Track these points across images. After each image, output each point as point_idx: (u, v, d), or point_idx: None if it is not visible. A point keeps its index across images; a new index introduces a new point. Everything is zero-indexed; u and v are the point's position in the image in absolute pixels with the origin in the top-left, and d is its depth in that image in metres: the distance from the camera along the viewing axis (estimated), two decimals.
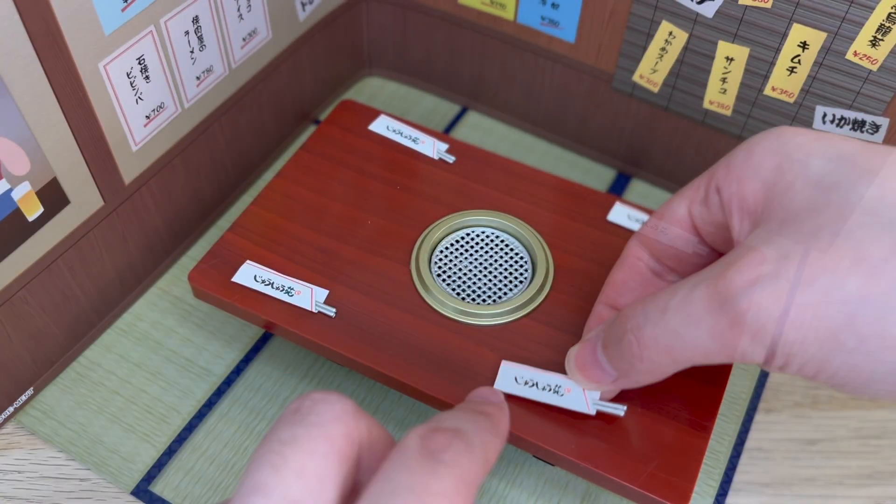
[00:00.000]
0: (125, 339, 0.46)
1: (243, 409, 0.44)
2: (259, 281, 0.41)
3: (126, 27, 0.39)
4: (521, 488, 0.41)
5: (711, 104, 0.48)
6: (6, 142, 0.35)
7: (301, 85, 0.54)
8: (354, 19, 0.57)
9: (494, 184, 0.45)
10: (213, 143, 0.48)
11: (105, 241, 0.43)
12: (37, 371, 0.43)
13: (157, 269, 0.49)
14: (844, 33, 0.41)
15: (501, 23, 0.52)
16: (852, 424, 0.44)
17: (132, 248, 0.46)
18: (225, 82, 0.47)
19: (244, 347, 0.46)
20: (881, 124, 0.43)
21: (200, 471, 0.41)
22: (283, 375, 0.45)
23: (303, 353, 0.46)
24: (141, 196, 0.45)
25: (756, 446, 0.43)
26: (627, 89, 0.50)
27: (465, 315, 0.40)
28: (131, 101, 0.41)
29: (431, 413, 0.43)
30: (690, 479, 0.35)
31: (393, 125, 0.48)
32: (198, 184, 0.49)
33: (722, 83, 0.47)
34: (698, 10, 0.44)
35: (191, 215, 0.49)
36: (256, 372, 0.45)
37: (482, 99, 0.58)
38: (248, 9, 0.46)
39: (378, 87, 0.61)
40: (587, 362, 0.34)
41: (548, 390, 0.36)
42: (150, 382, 0.44)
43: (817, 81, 0.44)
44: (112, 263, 0.45)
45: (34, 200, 0.38)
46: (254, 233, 0.43)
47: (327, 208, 0.44)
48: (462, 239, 0.43)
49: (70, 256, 0.42)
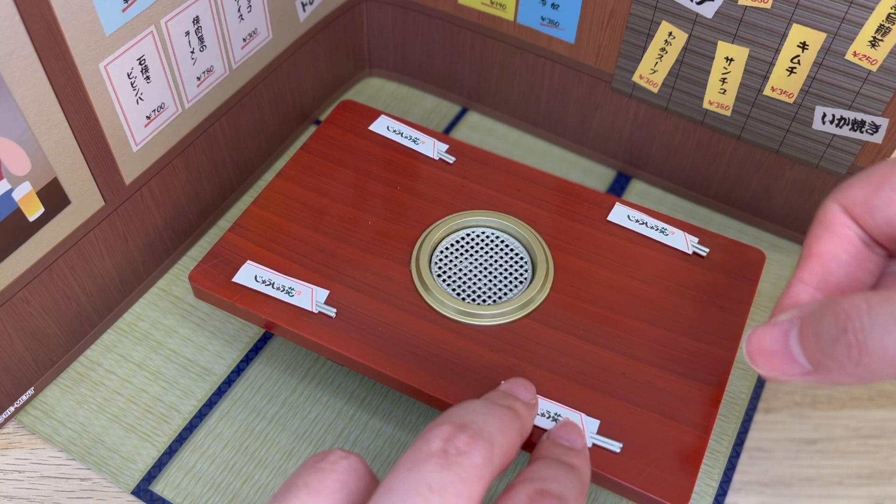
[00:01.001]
0: (126, 339, 0.46)
1: (244, 409, 0.44)
2: (259, 281, 0.41)
3: (127, 27, 0.39)
4: None
5: (711, 104, 0.48)
6: (7, 142, 0.35)
7: (301, 85, 0.54)
8: (354, 19, 0.57)
9: (494, 184, 0.45)
10: (214, 143, 0.48)
11: (106, 241, 0.44)
12: (38, 371, 0.43)
13: (158, 269, 0.49)
14: (844, 34, 0.41)
15: (501, 23, 0.52)
16: (852, 424, 0.44)
17: (133, 248, 0.46)
18: (225, 82, 0.47)
19: (245, 347, 0.46)
20: (881, 124, 0.43)
21: (201, 470, 0.41)
22: (284, 375, 0.45)
23: (303, 353, 0.46)
24: (141, 196, 0.45)
25: (755, 446, 0.43)
26: (627, 90, 0.50)
27: (465, 315, 0.40)
28: (132, 102, 0.41)
29: (432, 413, 0.44)
30: (690, 479, 0.35)
31: (393, 125, 0.48)
32: (198, 184, 0.49)
33: (721, 83, 0.47)
34: (698, 11, 0.44)
35: (191, 215, 0.49)
36: (257, 372, 0.45)
37: (482, 99, 0.58)
38: (248, 9, 0.46)
39: (378, 87, 0.61)
40: (775, 350, 0.30)
41: (547, 417, 0.36)
42: (151, 382, 0.44)
43: (817, 82, 0.44)
44: (113, 263, 0.45)
45: (35, 200, 0.38)
46: (254, 233, 0.43)
47: (328, 208, 0.44)
48: (462, 239, 0.43)
49: (71, 256, 0.42)
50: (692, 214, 0.53)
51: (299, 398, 0.44)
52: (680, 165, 0.52)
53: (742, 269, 0.42)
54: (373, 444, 0.42)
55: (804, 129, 0.46)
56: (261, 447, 0.42)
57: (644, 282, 0.42)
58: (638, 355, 0.39)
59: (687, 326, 0.40)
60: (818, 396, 0.45)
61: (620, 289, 0.41)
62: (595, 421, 0.36)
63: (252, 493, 0.41)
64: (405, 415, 0.44)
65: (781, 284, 0.50)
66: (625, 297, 0.41)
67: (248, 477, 0.41)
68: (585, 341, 0.39)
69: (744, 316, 0.41)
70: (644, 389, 0.38)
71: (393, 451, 0.42)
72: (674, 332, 0.40)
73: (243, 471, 0.41)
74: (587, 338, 0.39)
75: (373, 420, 0.43)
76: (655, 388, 0.38)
